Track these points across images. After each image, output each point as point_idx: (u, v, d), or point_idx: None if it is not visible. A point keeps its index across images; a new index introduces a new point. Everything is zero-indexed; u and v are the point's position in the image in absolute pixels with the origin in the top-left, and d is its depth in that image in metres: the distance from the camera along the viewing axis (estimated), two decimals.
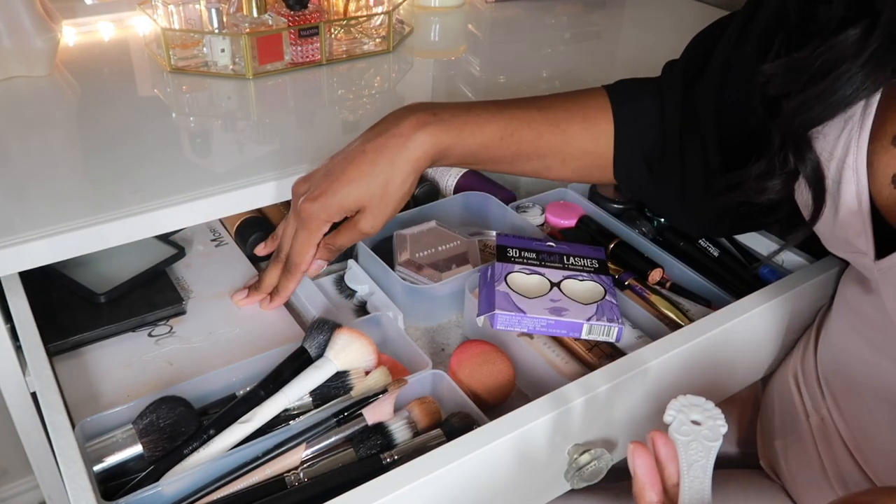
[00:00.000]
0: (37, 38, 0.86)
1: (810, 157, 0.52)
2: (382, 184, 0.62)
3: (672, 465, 0.44)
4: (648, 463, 0.44)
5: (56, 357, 0.67)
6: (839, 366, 0.63)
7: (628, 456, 0.44)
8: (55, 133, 0.81)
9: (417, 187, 0.93)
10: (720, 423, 0.44)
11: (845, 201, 0.52)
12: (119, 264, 0.74)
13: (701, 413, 0.44)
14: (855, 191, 0.51)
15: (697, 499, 0.42)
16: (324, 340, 0.62)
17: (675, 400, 0.45)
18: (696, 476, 0.43)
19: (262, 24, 0.90)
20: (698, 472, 0.43)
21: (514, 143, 0.66)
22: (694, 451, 0.43)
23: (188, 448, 0.55)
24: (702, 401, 0.45)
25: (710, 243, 0.80)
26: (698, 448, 0.43)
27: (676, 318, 0.72)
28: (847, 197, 0.51)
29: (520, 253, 0.73)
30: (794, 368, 0.71)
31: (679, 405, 0.45)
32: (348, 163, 0.62)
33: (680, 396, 0.45)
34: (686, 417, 0.44)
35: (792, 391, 0.70)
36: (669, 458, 0.44)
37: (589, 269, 0.72)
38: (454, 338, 0.74)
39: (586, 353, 0.68)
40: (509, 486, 0.57)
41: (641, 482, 0.43)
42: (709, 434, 0.43)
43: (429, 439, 0.58)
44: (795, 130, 0.52)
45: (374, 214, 0.63)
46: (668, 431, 0.44)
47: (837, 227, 0.53)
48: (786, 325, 0.71)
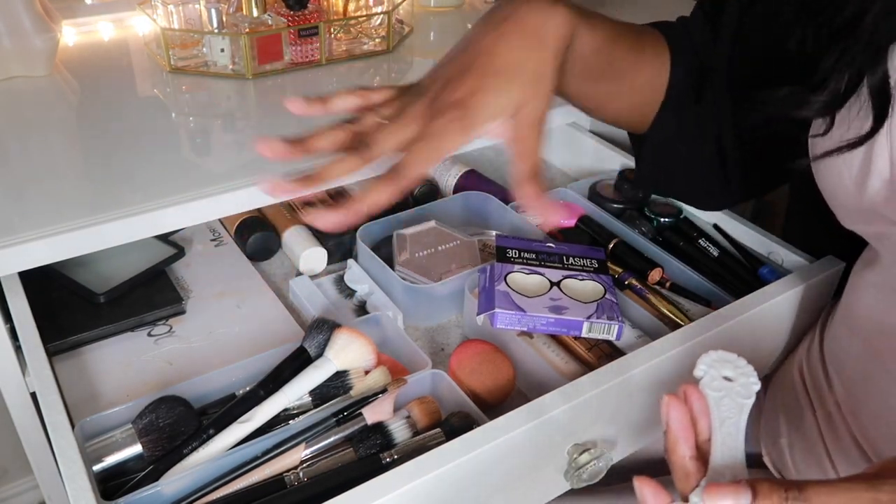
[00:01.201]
0: (36, 38, 0.86)
1: (881, 68, 0.49)
2: (536, 65, 0.52)
3: (704, 419, 0.42)
4: (683, 416, 0.42)
5: (56, 357, 0.67)
6: (850, 358, 0.63)
7: (662, 408, 0.43)
8: (55, 133, 0.81)
9: (417, 188, 0.93)
10: (753, 380, 0.42)
11: (877, 168, 0.50)
12: (118, 264, 0.74)
13: (733, 369, 0.43)
14: (889, 156, 0.50)
15: (730, 455, 0.41)
16: (323, 340, 0.62)
17: (705, 355, 0.43)
18: (729, 433, 0.41)
19: (262, 24, 0.90)
20: (731, 428, 0.41)
21: (611, 54, 0.61)
22: (726, 408, 0.42)
23: (188, 448, 0.55)
24: (734, 357, 0.44)
25: (710, 243, 0.80)
26: (730, 405, 0.42)
27: (676, 318, 0.72)
28: (879, 163, 0.50)
29: (519, 253, 0.73)
30: (800, 366, 0.71)
31: (710, 360, 0.43)
32: (487, 51, 0.52)
33: (711, 351, 0.43)
34: (717, 373, 0.42)
35: (797, 388, 0.70)
36: (702, 413, 0.42)
37: (589, 269, 0.72)
38: (454, 337, 0.74)
39: (586, 352, 0.68)
40: (509, 485, 0.57)
41: (675, 435, 0.42)
42: (741, 391, 0.42)
43: (428, 439, 0.58)
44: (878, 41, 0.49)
45: (536, 103, 0.52)
46: (699, 386, 0.42)
47: (865, 196, 0.52)
48: (785, 325, 0.71)
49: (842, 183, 0.54)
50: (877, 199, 0.51)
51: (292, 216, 0.85)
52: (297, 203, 0.59)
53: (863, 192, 0.52)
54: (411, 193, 0.92)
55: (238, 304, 0.75)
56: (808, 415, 0.68)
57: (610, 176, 0.90)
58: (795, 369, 0.71)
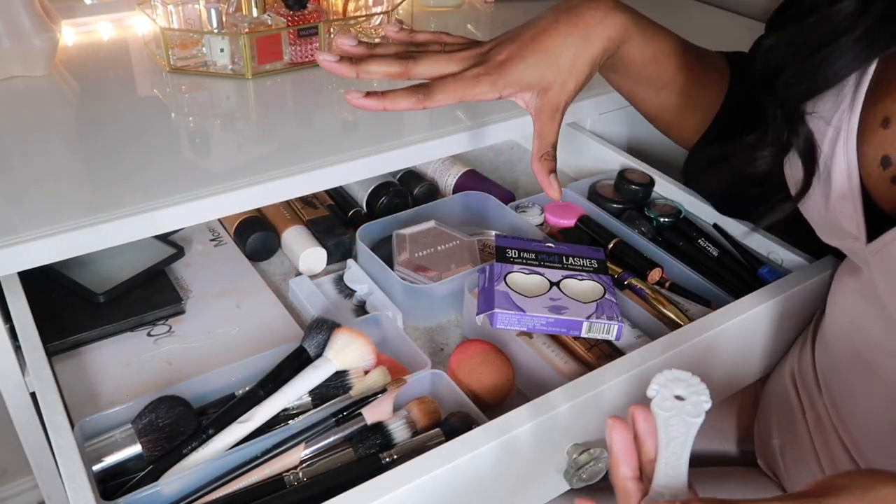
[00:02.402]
0: (36, 38, 0.86)
1: (802, 131, 0.52)
2: (572, 58, 0.59)
3: (650, 440, 0.42)
4: (625, 437, 0.42)
5: (55, 357, 0.67)
6: (835, 361, 0.64)
7: (606, 430, 0.43)
8: (54, 133, 0.81)
9: (417, 187, 0.93)
10: (704, 398, 0.42)
11: (836, 186, 0.52)
12: (118, 264, 0.74)
13: (685, 388, 0.42)
14: (846, 173, 0.51)
15: (672, 476, 0.41)
16: (323, 340, 0.62)
17: (659, 374, 0.43)
18: (674, 452, 0.41)
19: (262, 24, 0.90)
20: (676, 448, 0.41)
21: (674, 68, 0.66)
22: (674, 427, 0.41)
23: (187, 448, 0.55)
24: (687, 375, 0.43)
25: (710, 243, 0.80)
26: (679, 424, 0.41)
27: (676, 318, 0.72)
28: (838, 181, 0.51)
29: (519, 253, 0.73)
30: (792, 368, 0.71)
31: (663, 379, 0.43)
32: (539, 31, 0.59)
33: (665, 371, 0.43)
34: (669, 392, 0.42)
35: (789, 391, 0.70)
36: (648, 434, 0.42)
37: (588, 269, 0.72)
38: (453, 337, 0.74)
39: (585, 352, 0.68)
40: (508, 485, 0.57)
41: (616, 457, 0.42)
42: (691, 409, 0.41)
43: (428, 439, 0.58)
44: (789, 103, 0.52)
45: (559, 90, 0.60)
46: (650, 406, 0.42)
47: (829, 213, 0.54)
48: (785, 325, 0.71)
49: (810, 199, 0.55)
50: (839, 215, 0.53)
51: (292, 216, 0.85)
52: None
53: (826, 209, 0.54)
54: (411, 193, 0.92)
55: (237, 304, 0.75)
56: (799, 417, 0.68)
57: (610, 176, 0.90)
58: (788, 371, 0.71)
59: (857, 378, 0.60)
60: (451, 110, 0.85)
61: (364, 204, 0.90)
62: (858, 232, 0.52)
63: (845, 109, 0.50)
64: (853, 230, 0.52)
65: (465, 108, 0.85)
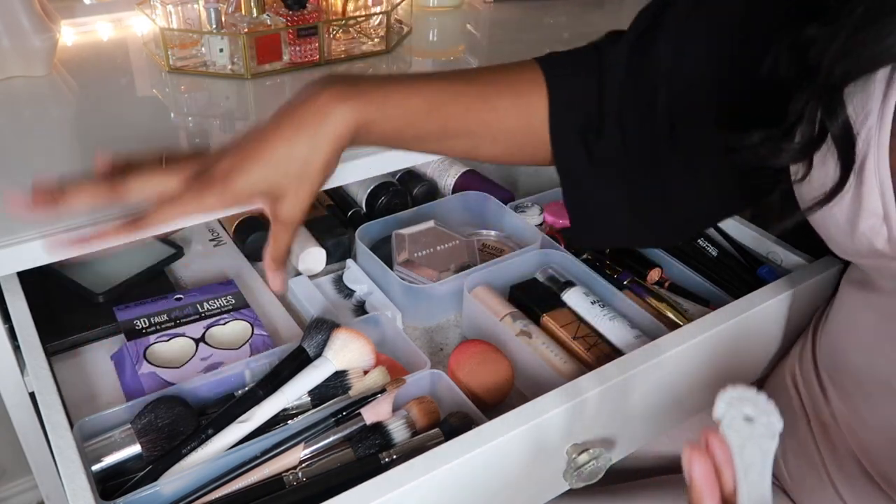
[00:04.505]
0: (35, 38, 0.86)
1: (842, 116, 0.48)
2: (302, 164, 0.54)
3: (728, 469, 0.40)
4: (706, 469, 0.40)
5: (54, 357, 0.67)
6: (843, 368, 0.63)
7: (683, 461, 0.41)
8: (54, 133, 0.80)
9: (416, 187, 0.93)
10: (775, 419, 0.40)
11: (869, 206, 0.49)
12: (117, 264, 0.74)
13: (753, 407, 0.40)
14: (879, 192, 0.49)
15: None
16: (322, 340, 0.62)
17: (724, 391, 0.40)
18: (754, 480, 0.39)
19: (261, 24, 0.90)
20: (755, 476, 0.39)
21: (441, 119, 0.59)
22: (749, 454, 0.39)
23: (186, 448, 0.55)
24: (752, 393, 0.40)
25: (709, 243, 0.80)
26: (753, 450, 0.39)
27: (675, 318, 0.72)
28: (871, 200, 0.49)
29: (149, 321, 0.68)
30: (793, 372, 0.70)
31: (729, 398, 0.40)
32: (262, 141, 0.54)
33: (729, 388, 0.41)
34: (738, 412, 0.40)
35: (790, 394, 0.70)
36: (725, 462, 0.40)
37: (227, 308, 0.69)
38: (453, 337, 0.74)
39: (585, 352, 0.68)
40: (508, 485, 0.57)
41: (699, 490, 0.40)
42: (764, 432, 0.39)
43: (427, 439, 0.58)
44: (831, 84, 0.48)
45: (294, 200, 0.55)
46: (719, 428, 0.40)
47: (858, 235, 0.51)
48: (785, 325, 0.71)
49: (834, 222, 0.53)
50: (872, 235, 0.50)
51: None
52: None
53: (855, 230, 0.51)
54: (410, 193, 0.92)
55: None
56: (803, 424, 0.67)
57: None
58: (788, 373, 0.71)
59: (876, 396, 0.59)
60: None
61: (363, 204, 0.90)
62: (894, 252, 0.50)
63: (873, 126, 0.48)
64: (888, 251, 0.50)
65: None
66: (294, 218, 0.56)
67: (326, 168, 0.55)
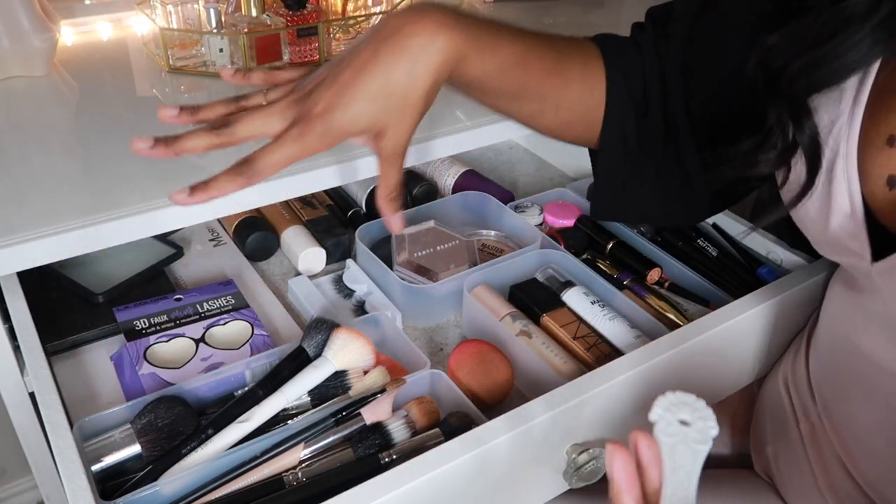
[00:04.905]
0: (35, 38, 0.86)
1: (808, 126, 0.50)
2: (402, 97, 0.51)
3: (654, 468, 0.40)
4: (627, 466, 0.40)
5: (54, 357, 0.67)
6: (829, 371, 0.63)
7: (606, 458, 0.41)
8: (53, 133, 0.80)
9: (416, 187, 0.93)
10: (711, 424, 0.39)
11: (837, 204, 0.51)
12: (117, 264, 0.74)
13: (691, 413, 0.40)
14: (847, 192, 0.50)
15: None
16: (322, 340, 0.62)
17: (662, 397, 0.41)
18: (681, 482, 0.39)
19: (261, 24, 0.90)
20: (682, 477, 0.39)
21: (524, 75, 0.58)
22: (680, 455, 0.39)
23: (186, 448, 0.55)
24: (692, 399, 0.40)
25: (709, 243, 0.80)
26: (685, 451, 0.39)
27: (675, 318, 0.72)
28: (839, 199, 0.51)
29: (149, 322, 0.68)
30: (785, 374, 0.70)
31: (667, 403, 0.40)
32: (359, 71, 0.51)
33: (668, 393, 0.41)
34: (674, 417, 0.40)
35: (783, 397, 0.70)
36: (652, 462, 0.40)
37: (227, 308, 0.69)
38: (452, 337, 0.74)
39: (584, 352, 0.68)
40: (507, 485, 0.57)
41: (618, 486, 0.40)
42: (697, 436, 0.39)
43: (427, 439, 0.58)
44: (796, 96, 0.49)
45: (396, 133, 0.53)
46: (653, 431, 0.40)
47: (830, 232, 0.53)
48: (785, 325, 0.71)
49: (809, 216, 0.54)
50: (841, 233, 0.52)
51: (291, 216, 0.85)
52: None
53: (827, 227, 0.53)
54: (410, 193, 0.92)
55: None
56: (793, 425, 0.68)
57: None
58: (781, 377, 0.71)
59: (855, 392, 0.60)
60: (450, 110, 0.85)
61: (363, 204, 0.90)
62: (862, 251, 0.51)
63: (843, 126, 0.49)
64: (857, 248, 0.52)
65: (465, 108, 0.85)
66: (398, 151, 0.54)
67: (427, 98, 0.53)
